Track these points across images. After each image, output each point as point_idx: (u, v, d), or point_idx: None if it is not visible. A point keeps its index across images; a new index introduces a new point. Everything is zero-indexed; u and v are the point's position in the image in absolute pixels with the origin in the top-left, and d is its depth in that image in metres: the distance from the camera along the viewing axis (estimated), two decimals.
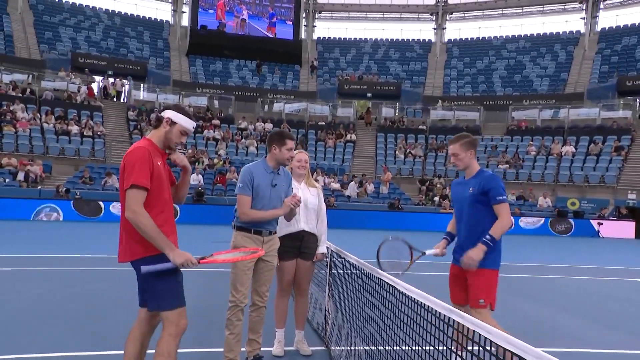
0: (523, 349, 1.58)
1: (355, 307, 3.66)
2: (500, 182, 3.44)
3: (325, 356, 4.15)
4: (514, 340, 1.64)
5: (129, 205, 2.64)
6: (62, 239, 11.77)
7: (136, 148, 2.74)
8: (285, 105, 30.59)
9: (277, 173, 3.76)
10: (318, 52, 37.25)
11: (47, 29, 31.02)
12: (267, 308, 3.84)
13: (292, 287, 4.25)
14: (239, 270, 3.59)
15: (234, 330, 3.58)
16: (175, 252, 2.65)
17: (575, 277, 9.01)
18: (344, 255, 3.97)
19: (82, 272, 7.44)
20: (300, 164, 4.16)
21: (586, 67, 31.66)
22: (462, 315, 2.00)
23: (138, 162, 2.67)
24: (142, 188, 2.65)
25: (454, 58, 35.95)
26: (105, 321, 4.85)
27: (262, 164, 3.79)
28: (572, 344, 4.81)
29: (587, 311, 6.31)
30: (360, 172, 24.11)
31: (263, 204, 3.66)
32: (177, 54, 34.21)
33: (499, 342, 1.71)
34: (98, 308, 5.36)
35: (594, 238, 18.86)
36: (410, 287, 2.56)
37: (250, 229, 3.65)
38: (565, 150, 24.49)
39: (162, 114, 2.88)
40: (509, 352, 1.65)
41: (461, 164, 3.52)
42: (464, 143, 3.50)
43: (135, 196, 2.64)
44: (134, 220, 2.61)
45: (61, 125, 22.44)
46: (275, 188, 3.71)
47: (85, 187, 18.21)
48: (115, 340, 3.93)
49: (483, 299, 3.31)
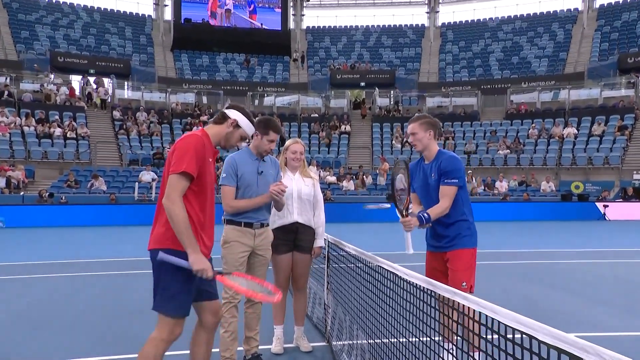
0: (532, 326, 1.54)
1: (355, 299, 3.62)
2: (459, 164, 3.42)
3: (326, 352, 4.11)
4: (523, 319, 1.60)
5: (168, 191, 2.59)
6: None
7: (192, 135, 2.72)
8: (276, 98, 30.49)
9: (263, 160, 3.71)
10: (308, 42, 37.11)
11: (23, 27, 30.73)
12: (263, 304, 3.80)
13: (289, 282, 4.20)
14: (231, 266, 3.54)
15: (229, 328, 3.53)
16: (197, 255, 2.59)
17: (584, 261, 9.02)
18: (342, 246, 3.92)
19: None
20: (295, 156, 4.09)
21: (586, 45, 31.69)
22: (466, 297, 1.96)
23: (191, 149, 2.63)
24: (187, 176, 2.61)
25: (449, 42, 35.90)
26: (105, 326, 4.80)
27: (246, 152, 3.74)
28: (587, 328, 4.79)
29: (600, 295, 6.30)
30: (356, 164, 24.08)
31: (251, 193, 3.61)
32: (161, 49, 33.99)
33: (507, 322, 1.67)
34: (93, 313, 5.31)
35: (600, 221, 18.92)
36: (412, 272, 2.52)
37: (241, 222, 3.60)
38: (567, 133, 24.53)
39: (228, 112, 2.90)
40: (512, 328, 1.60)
41: (419, 144, 3.50)
42: (424, 122, 3.49)
43: (178, 183, 2.60)
44: (169, 208, 2.57)
45: (43, 127, 22.27)
46: (263, 175, 3.66)
47: (71, 191, 18.09)
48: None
49: (465, 282, 3.33)
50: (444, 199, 3.37)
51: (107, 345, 4.23)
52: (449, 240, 3.43)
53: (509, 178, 22.21)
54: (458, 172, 3.38)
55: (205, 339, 2.86)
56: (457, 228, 3.42)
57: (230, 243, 3.58)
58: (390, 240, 11.52)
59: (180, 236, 2.57)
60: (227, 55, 34.44)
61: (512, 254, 9.86)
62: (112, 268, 8.10)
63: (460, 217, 3.44)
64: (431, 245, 3.58)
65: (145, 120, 25.14)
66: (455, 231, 3.42)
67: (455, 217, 3.42)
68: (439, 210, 3.35)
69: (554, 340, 1.42)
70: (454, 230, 3.42)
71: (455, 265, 3.39)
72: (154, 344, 2.63)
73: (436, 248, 3.53)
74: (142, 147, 23.24)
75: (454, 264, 3.39)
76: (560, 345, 1.40)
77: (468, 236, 3.43)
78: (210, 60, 33.91)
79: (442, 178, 3.39)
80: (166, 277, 2.64)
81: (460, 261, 3.38)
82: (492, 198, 20.57)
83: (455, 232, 3.42)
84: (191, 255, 2.58)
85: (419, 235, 3.50)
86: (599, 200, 20.13)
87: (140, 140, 23.67)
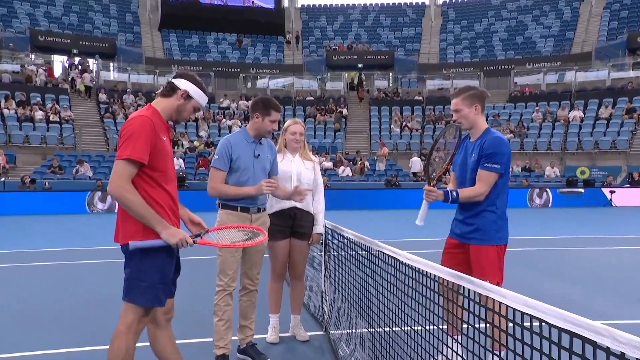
0: (543, 310, 1.53)
1: (355, 286, 3.61)
2: (505, 148, 3.17)
3: (324, 341, 4.13)
4: (533, 302, 1.59)
5: (113, 178, 2.49)
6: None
7: (138, 117, 2.58)
8: (270, 80, 30.30)
9: (260, 143, 3.68)
10: (303, 21, 36.80)
11: (1, 4, 30.24)
12: (259, 292, 3.80)
13: (286, 269, 4.20)
14: (226, 252, 3.52)
15: (223, 317, 3.53)
16: (169, 230, 2.53)
17: (589, 249, 9.07)
18: (340, 231, 3.91)
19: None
20: (295, 137, 4.06)
21: (593, 24, 31.56)
22: (471, 280, 1.94)
23: (136, 132, 2.51)
24: (134, 163, 2.49)
25: (450, 21, 35.68)
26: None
27: (242, 134, 3.70)
28: (592, 318, 4.82)
29: (605, 284, 6.35)
30: (353, 149, 24.04)
31: (247, 177, 3.58)
32: (148, 28, 33.61)
33: (517, 306, 1.66)
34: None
35: (606, 207, 19.03)
36: (414, 256, 2.51)
37: (237, 207, 3.58)
38: (572, 116, 24.54)
39: (177, 82, 2.73)
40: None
41: (465, 121, 3.24)
42: (467, 96, 3.22)
43: (124, 169, 2.48)
44: (118, 195, 2.47)
45: (24, 110, 22.06)
46: (259, 159, 3.63)
47: (54, 177, 17.98)
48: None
49: (489, 280, 3.05)
50: (480, 184, 3.14)
51: (90, 335, 4.22)
52: (471, 231, 3.22)
53: (512, 163, 22.24)
54: (502, 156, 3.14)
55: (165, 335, 2.80)
56: (482, 219, 3.19)
57: (236, 225, 3.55)
58: (389, 228, 11.54)
59: (144, 219, 2.50)
60: (218, 35, 34.11)
61: (512, 242, 9.90)
62: (100, 257, 8.08)
63: (489, 208, 3.19)
64: (453, 232, 3.40)
65: (133, 103, 24.95)
66: (479, 222, 3.19)
67: (483, 206, 3.18)
68: (472, 193, 3.14)
69: (566, 323, 1.41)
70: (479, 221, 3.19)
71: (478, 262, 3.17)
72: (124, 338, 2.58)
73: (457, 236, 3.34)
74: None
75: (477, 261, 3.18)
76: (572, 329, 1.39)
77: (494, 231, 3.17)
78: (200, 40, 33.58)
79: (482, 160, 3.16)
80: (142, 267, 2.56)
81: (484, 259, 3.15)
82: None
83: (480, 223, 3.19)
84: (163, 232, 2.51)
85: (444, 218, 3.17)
86: (605, 186, 20.23)
87: None
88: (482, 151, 3.17)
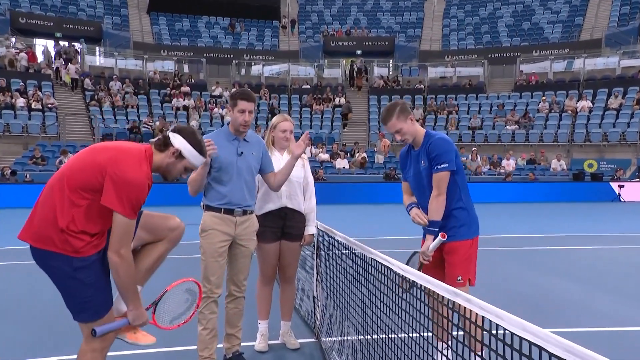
0: (541, 335, 1.48)
1: (347, 293, 3.58)
2: (448, 146, 3.33)
3: (315, 349, 4.10)
4: (530, 326, 1.54)
5: (115, 243, 2.43)
6: None
7: (139, 177, 2.49)
8: (264, 67, 30.15)
9: (244, 140, 3.61)
10: (299, 5, 36.54)
11: None
12: (246, 298, 3.76)
13: (276, 273, 4.16)
14: (209, 257, 3.48)
15: (208, 325, 3.49)
16: (139, 310, 2.59)
17: (596, 247, 9.06)
18: (332, 234, 3.87)
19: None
20: (285, 135, 4.00)
21: (604, 9, 31.41)
22: (469, 298, 1.91)
23: (138, 194, 2.48)
24: (130, 222, 2.48)
25: (454, 6, 35.50)
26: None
27: (223, 132, 3.65)
28: (601, 322, 4.80)
29: (612, 284, 6.33)
30: (351, 140, 23.98)
31: (230, 176, 3.52)
32: (136, 11, 33.35)
33: (512, 329, 1.62)
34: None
35: (614, 203, 19.06)
36: (408, 267, 2.48)
37: (220, 209, 3.52)
38: (580, 106, 24.52)
39: (171, 137, 2.63)
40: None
41: (409, 136, 3.41)
42: (399, 113, 3.36)
43: (127, 233, 2.46)
44: (118, 264, 2.43)
45: (4, 97, 21.88)
46: (243, 156, 3.57)
47: (36, 169, 17.88)
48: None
49: (461, 276, 3.33)
50: (435, 187, 3.30)
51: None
52: (445, 231, 3.36)
53: (517, 156, 22.23)
54: (447, 154, 3.29)
55: (155, 248, 2.82)
56: (453, 219, 3.37)
57: (209, 231, 3.51)
58: (387, 224, 11.50)
59: (125, 292, 2.53)
60: (210, 19, 33.86)
61: (516, 239, 9.90)
62: None
63: (457, 206, 3.38)
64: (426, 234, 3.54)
65: (120, 91, 24.79)
66: (452, 222, 3.36)
67: (451, 206, 3.36)
68: (436, 204, 3.30)
69: (566, 353, 1.37)
70: (450, 222, 3.36)
71: (451, 258, 3.38)
72: (88, 357, 2.56)
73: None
74: (116, 120, 22.96)
75: (451, 258, 3.38)
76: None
77: (466, 226, 3.38)
78: (192, 25, 33.34)
79: (432, 164, 3.32)
80: (71, 284, 2.48)
81: (456, 254, 3.36)
82: (497, 178, 20.62)
83: (452, 223, 3.36)
84: (133, 311, 2.58)
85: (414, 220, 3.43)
86: (613, 180, 20.24)
87: (114, 112, 23.37)
88: (429, 155, 3.35)
